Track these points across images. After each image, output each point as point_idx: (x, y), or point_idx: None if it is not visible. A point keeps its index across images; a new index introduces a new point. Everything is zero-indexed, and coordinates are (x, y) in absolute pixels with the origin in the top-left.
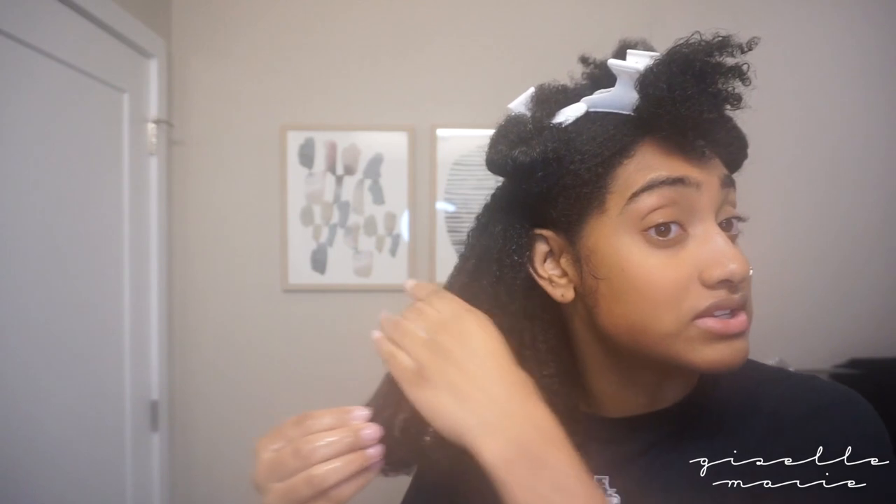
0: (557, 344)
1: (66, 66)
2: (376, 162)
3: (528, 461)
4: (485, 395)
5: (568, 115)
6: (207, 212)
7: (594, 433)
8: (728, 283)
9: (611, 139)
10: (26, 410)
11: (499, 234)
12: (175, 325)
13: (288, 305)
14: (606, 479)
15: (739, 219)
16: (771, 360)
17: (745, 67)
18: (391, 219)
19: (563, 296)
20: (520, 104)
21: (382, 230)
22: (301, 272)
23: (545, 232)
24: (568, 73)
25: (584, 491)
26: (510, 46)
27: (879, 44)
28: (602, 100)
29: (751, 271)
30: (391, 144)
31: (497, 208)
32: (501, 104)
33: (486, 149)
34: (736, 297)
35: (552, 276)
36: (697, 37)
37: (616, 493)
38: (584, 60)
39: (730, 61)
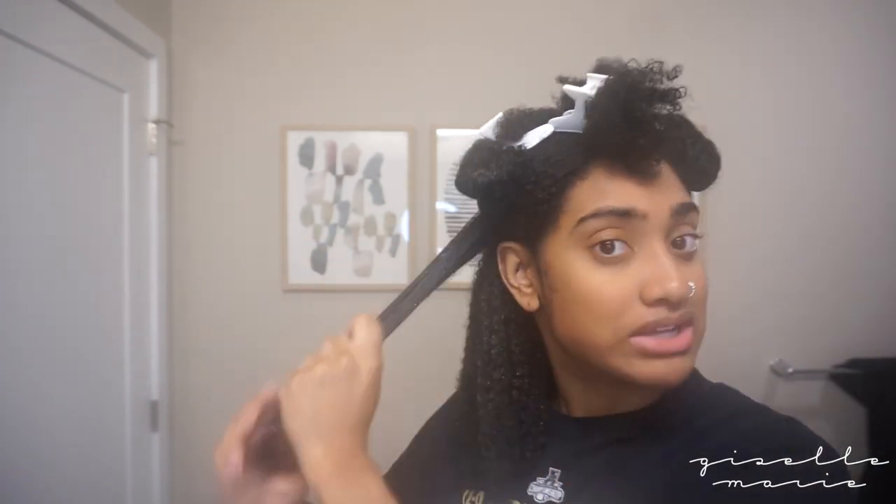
0: (531, 347)
1: (66, 66)
2: (376, 162)
3: (341, 479)
4: (328, 417)
5: (534, 137)
6: (207, 212)
7: (559, 429)
8: (666, 302)
9: (564, 160)
10: (26, 410)
11: (477, 246)
12: (175, 326)
13: (288, 305)
14: (559, 473)
15: (695, 236)
16: (771, 360)
17: (680, 91)
18: (391, 219)
19: (528, 304)
20: (488, 129)
21: (382, 230)
22: (301, 272)
23: (514, 245)
24: (550, 92)
25: (381, 499)
26: (510, 46)
27: (883, 43)
28: (566, 121)
29: (693, 289)
30: (391, 144)
31: (476, 223)
32: (501, 104)
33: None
34: (675, 315)
35: (521, 285)
36: (634, 64)
37: (562, 486)
38: (561, 80)
39: (660, 87)
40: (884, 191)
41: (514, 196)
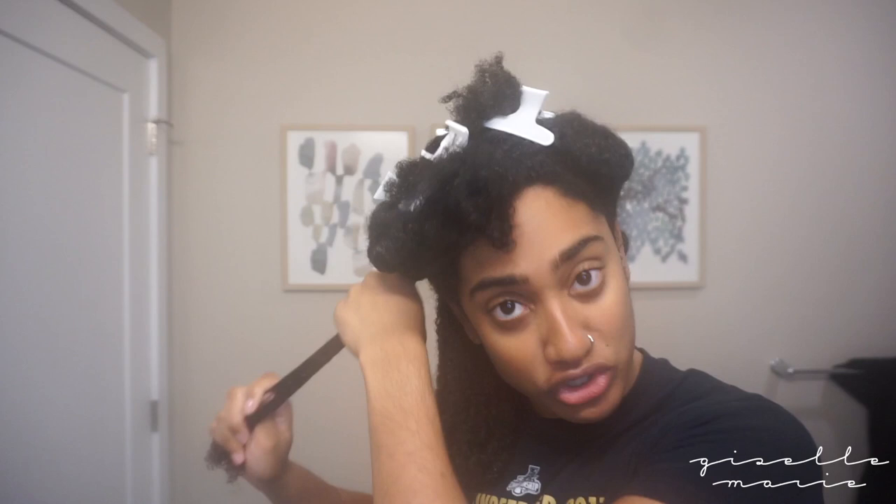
0: (491, 389)
1: (66, 66)
2: (376, 162)
3: (384, 365)
4: (378, 320)
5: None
6: (207, 212)
7: (532, 429)
8: (564, 363)
9: (444, 234)
10: (26, 411)
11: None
12: (175, 325)
13: (288, 305)
14: (538, 469)
15: (599, 268)
16: (771, 360)
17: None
18: None
19: (474, 338)
20: (380, 193)
21: None
22: (301, 272)
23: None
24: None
25: (419, 392)
26: (510, 46)
27: (883, 43)
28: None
29: (592, 341)
30: (391, 144)
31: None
32: None
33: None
34: (578, 370)
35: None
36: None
37: (539, 479)
38: (445, 100)
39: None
40: (884, 191)
41: (417, 268)
